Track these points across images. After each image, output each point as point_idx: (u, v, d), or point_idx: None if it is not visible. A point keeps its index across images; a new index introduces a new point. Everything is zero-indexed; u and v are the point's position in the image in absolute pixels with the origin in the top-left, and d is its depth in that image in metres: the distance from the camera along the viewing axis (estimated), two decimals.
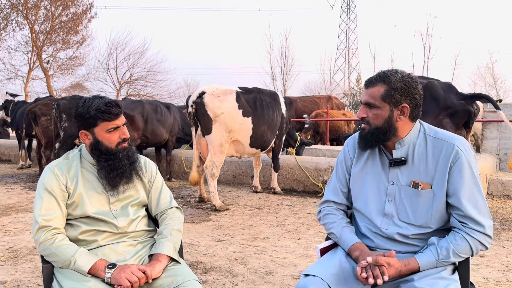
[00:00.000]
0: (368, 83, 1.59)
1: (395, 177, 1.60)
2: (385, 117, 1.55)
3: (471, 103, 4.37)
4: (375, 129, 1.57)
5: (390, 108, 1.55)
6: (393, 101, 1.54)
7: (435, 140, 1.57)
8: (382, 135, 1.57)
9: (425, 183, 1.55)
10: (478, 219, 1.48)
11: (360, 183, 1.69)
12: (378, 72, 1.60)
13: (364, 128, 1.61)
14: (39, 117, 6.89)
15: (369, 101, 1.57)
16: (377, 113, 1.56)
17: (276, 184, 5.91)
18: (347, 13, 46.21)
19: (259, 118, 5.12)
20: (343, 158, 1.78)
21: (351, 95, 31.14)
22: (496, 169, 6.84)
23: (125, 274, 1.52)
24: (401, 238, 1.58)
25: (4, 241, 3.56)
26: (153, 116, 6.66)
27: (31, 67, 23.65)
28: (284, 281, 2.75)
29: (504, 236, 3.79)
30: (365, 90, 1.60)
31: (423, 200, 1.55)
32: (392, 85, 1.54)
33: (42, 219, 1.61)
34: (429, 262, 1.48)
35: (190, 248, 3.40)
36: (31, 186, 6.42)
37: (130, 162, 1.74)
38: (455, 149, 1.52)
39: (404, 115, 1.56)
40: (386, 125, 1.56)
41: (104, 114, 1.65)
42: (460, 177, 1.50)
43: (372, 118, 1.57)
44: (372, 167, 1.66)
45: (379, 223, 1.61)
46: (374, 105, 1.56)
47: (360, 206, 1.68)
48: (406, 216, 1.58)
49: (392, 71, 1.57)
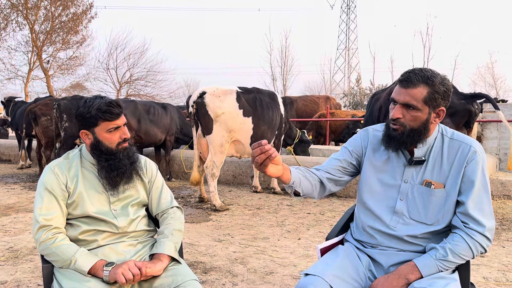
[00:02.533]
0: (409, 82, 1.51)
1: (410, 176, 1.60)
2: (423, 119, 1.52)
3: (472, 102, 4.37)
4: (411, 130, 1.53)
5: (429, 110, 1.52)
6: (434, 104, 1.51)
7: (451, 141, 1.58)
8: (417, 136, 1.54)
9: (438, 183, 1.55)
10: (479, 220, 1.48)
11: (371, 178, 1.67)
12: (415, 72, 1.52)
13: (397, 129, 1.55)
14: (39, 117, 6.89)
15: (411, 102, 1.50)
16: (417, 115, 1.51)
17: (276, 184, 5.91)
18: (347, 13, 46.21)
19: (259, 118, 5.13)
20: (353, 144, 1.74)
21: (351, 95, 31.13)
22: (496, 169, 6.84)
23: (121, 270, 1.52)
24: (410, 239, 1.58)
25: (4, 241, 3.56)
26: (146, 116, 6.63)
27: (31, 67, 23.66)
28: (284, 281, 2.75)
29: (504, 236, 3.80)
30: (403, 90, 1.52)
31: (435, 199, 1.55)
32: (435, 88, 1.49)
33: (43, 218, 1.61)
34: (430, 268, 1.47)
35: (190, 248, 3.40)
36: (31, 186, 6.42)
37: (131, 162, 1.74)
38: (471, 149, 1.53)
39: (439, 118, 1.55)
40: (422, 127, 1.53)
41: (105, 114, 1.65)
42: (473, 176, 1.51)
43: (409, 120, 1.52)
44: (386, 164, 1.65)
45: (388, 220, 1.60)
46: (415, 107, 1.50)
47: (367, 201, 1.66)
48: (417, 215, 1.57)
49: (433, 73, 1.52)
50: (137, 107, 6.57)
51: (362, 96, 28.79)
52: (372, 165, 1.68)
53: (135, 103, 6.68)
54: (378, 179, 1.65)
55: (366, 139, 1.73)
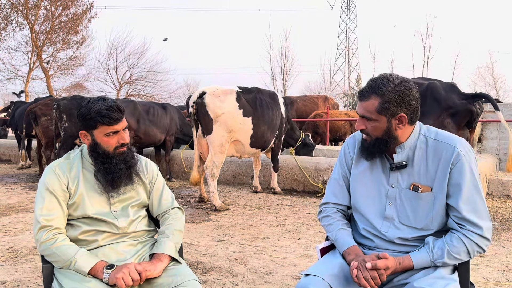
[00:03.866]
0: (361, 95, 1.56)
1: (396, 180, 1.60)
2: (384, 128, 1.54)
3: (473, 102, 4.36)
4: (376, 140, 1.56)
5: (387, 119, 1.52)
6: (389, 112, 1.52)
7: (435, 142, 1.56)
8: (383, 145, 1.56)
9: (425, 186, 1.55)
10: (476, 221, 1.48)
11: (360, 185, 1.68)
12: (369, 83, 1.55)
13: (366, 139, 1.60)
14: (39, 117, 6.89)
15: (365, 114, 1.55)
16: (375, 125, 1.54)
17: (276, 184, 5.91)
18: (347, 13, 46.20)
19: (259, 118, 5.13)
20: (343, 157, 1.77)
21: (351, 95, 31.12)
22: (496, 169, 6.84)
23: (121, 274, 1.51)
24: (401, 241, 1.58)
25: (4, 241, 3.56)
26: (145, 117, 6.63)
27: (31, 67, 23.65)
28: (284, 281, 2.75)
29: (504, 236, 3.80)
30: (359, 103, 1.57)
31: (423, 202, 1.55)
32: (385, 98, 1.50)
33: (43, 219, 1.61)
34: (423, 261, 1.49)
35: (190, 248, 3.40)
36: (31, 186, 6.42)
37: (127, 166, 1.73)
38: (455, 151, 1.51)
39: (403, 123, 1.54)
40: (386, 136, 1.55)
41: (103, 118, 1.64)
42: (460, 179, 1.49)
43: (371, 130, 1.56)
44: (372, 170, 1.66)
45: (380, 226, 1.61)
46: (370, 118, 1.54)
47: (360, 208, 1.68)
48: (407, 219, 1.58)
49: (384, 81, 1.52)
50: (136, 108, 6.57)
51: None
52: (359, 171, 1.69)
53: (134, 103, 6.68)
54: (366, 185, 1.66)
55: (352, 146, 1.75)
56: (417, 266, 1.49)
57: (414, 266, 1.49)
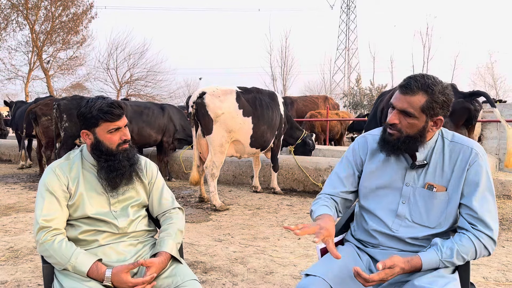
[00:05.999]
0: (408, 89, 1.49)
1: (411, 179, 1.59)
2: (420, 127, 1.52)
3: (470, 100, 4.34)
4: (407, 137, 1.53)
5: (426, 119, 1.51)
6: (432, 113, 1.50)
7: (452, 143, 1.58)
8: (413, 143, 1.54)
9: (440, 186, 1.55)
10: (488, 222, 1.49)
11: (372, 182, 1.67)
12: (417, 78, 1.50)
13: (393, 134, 1.55)
14: (39, 117, 6.89)
15: (408, 110, 1.49)
16: (413, 122, 1.51)
17: (276, 184, 5.91)
18: (347, 13, 46.22)
19: (259, 118, 5.13)
20: (351, 155, 1.75)
21: (351, 95, 31.13)
22: (496, 169, 6.84)
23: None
24: (411, 240, 1.58)
25: (5, 241, 3.56)
26: (139, 118, 6.59)
27: (32, 67, 23.67)
28: (284, 281, 2.75)
29: (504, 236, 3.80)
30: (402, 96, 1.51)
31: (437, 202, 1.55)
32: (434, 98, 1.48)
33: (43, 219, 1.61)
34: (432, 261, 1.47)
35: (190, 248, 3.41)
36: (31, 186, 6.42)
37: (130, 163, 1.74)
38: (473, 152, 1.53)
39: (437, 126, 1.54)
40: (418, 135, 1.53)
41: (106, 114, 1.65)
42: (477, 179, 1.51)
43: (405, 126, 1.52)
44: (386, 167, 1.65)
45: (391, 223, 1.61)
46: (412, 114, 1.49)
47: (369, 205, 1.67)
48: (419, 218, 1.58)
49: (433, 80, 1.50)
50: (127, 108, 6.54)
51: (362, 96, 28.78)
52: (372, 170, 1.68)
53: (125, 104, 6.66)
54: (379, 183, 1.65)
55: (363, 145, 1.73)
56: (425, 265, 1.46)
57: (423, 265, 1.46)
